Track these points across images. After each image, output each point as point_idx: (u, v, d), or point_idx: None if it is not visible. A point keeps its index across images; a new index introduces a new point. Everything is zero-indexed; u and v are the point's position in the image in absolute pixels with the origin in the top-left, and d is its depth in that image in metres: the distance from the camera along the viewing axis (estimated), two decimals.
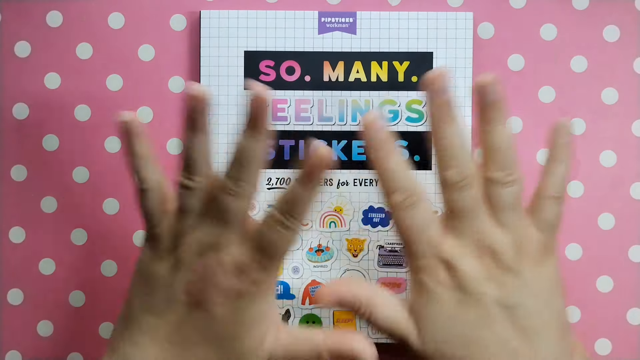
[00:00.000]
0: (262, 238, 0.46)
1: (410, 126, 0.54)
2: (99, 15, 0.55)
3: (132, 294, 0.48)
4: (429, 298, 0.47)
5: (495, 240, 0.47)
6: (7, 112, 0.56)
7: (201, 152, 0.47)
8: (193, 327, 0.47)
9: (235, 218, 0.46)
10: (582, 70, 0.55)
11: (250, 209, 0.47)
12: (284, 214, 0.46)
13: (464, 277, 0.46)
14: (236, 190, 0.46)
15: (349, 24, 0.55)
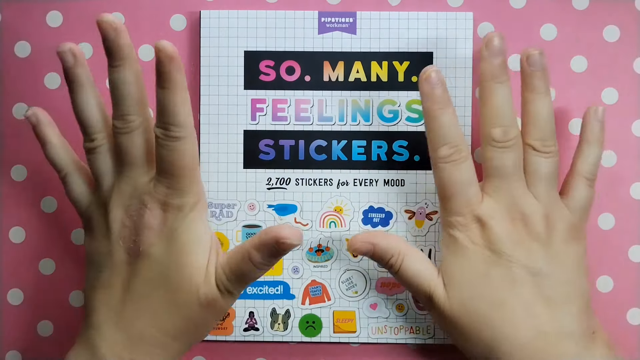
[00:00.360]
0: (160, 160, 0.48)
1: (410, 126, 0.54)
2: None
3: (86, 281, 0.50)
4: (461, 254, 0.49)
5: (528, 207, 0.49)
6: (7, 112, 0.56)
7: (92, 110, 0.50)
8: (140, 280, 0.48)
9: (138, 155, 0.48)
10: (582, 70, 0.55)
11: (149, 137, 0.49)
12: (163, 127, 0.47)
13: (496, 237, 0.49)
14: (126, 127, 0.48)
15: (349, 24, 0.55)
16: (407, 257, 0.50)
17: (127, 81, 0.48)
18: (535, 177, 0.49)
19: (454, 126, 0.49)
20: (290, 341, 0.55)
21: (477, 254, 0.49)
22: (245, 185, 0.55)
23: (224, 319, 0.55)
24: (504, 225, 0.49)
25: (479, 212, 0.49)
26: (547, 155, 0.49)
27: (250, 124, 0.55)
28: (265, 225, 0.55)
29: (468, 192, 0.49)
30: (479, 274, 0.49)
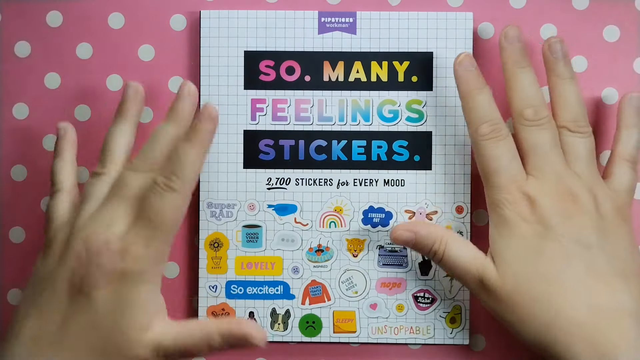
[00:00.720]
0: (145, 207, 0.46)
1: (410, 126, 0.54)
2: (99, 15, 0.55)
3: (20, 302, 0.48)
4: (511, 231, 0.49)
5: (574, 184, 0.49)
6: (7, 112, 0.56)
7: (122, 142, 0.50)
8: (74, 320, 0.46)
9: (135, 195, 0.47)
10: (582, 70, 0.55)
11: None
12: (167, 175, 0.46)
13: (546, 212, 0.48)
14: (141, 167, 0.48)
15: (349, 24, 0.55)
16: (450, 242, 0.50)
17: (169, 136, 0.49)
18: (575, 156, 0.50)
19: (492, 105, 0.50)
20: (290, 341, 0.55)
21: (528, 230, 0.49)
22: (245, 185, 0.55)
23: None
24: (553, 201, 0.49)
25: (526, 189, 0.49)
26: (582, 135, 0.50)
27: (250, 124, 0.55)
28: (265, 225, 0.55)
29: (512, 168, 0.49)
30: (532, 250, 0.48)
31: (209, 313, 0.55)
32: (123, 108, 0.51)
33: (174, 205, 0.46)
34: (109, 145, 0.50)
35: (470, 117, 0.51)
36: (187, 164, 0.46)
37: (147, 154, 0.48)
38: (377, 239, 0.55)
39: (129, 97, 0.51)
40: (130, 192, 0.47)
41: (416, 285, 0.55)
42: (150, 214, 0.46)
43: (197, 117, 0.47)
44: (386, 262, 0.55)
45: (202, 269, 0.55)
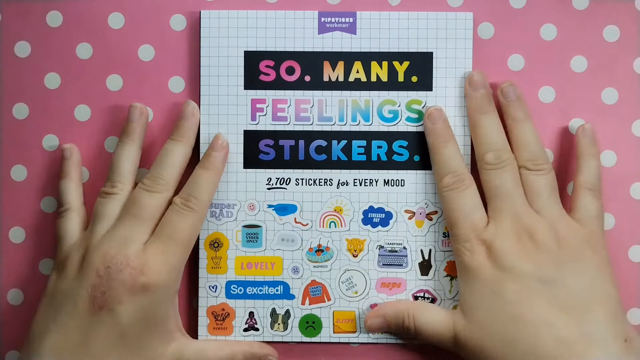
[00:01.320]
0: (164, 224, 0.50)
1: (410, 126, 0.54)
2: (99, 15, 0.55)
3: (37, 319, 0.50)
4: (472, 278, 0.50)
5: (532, 223, 0.50)
6: (7, 112, 0.56)
7: (129, 162, 0.53)
8: (97, 335, 0.48)
9: (149, 214, 0.51)
10: (582, 70, 0.55)
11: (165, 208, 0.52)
12: (186, 197, 0.51)
13: (502, 255, 0.50)
14: (154, 187, 0.51)
15: (349, 24, 0.55)
16: (417, 313, 0.52)
17: (177, 156, 0.52)
18: (534, 193, 0.51)
19: (456, 157, 0.53)
20: (290, 341, 0.55)
21: (487, 275, 0.50)
22: (245, 185, 0.55)
23: (224, 319, 0.55)
24: (509, 243, 0.50)
25: (484, 235, 0.50)
26: (540, 173, 0.52)
27: (250, 124, 0.55)
28: (265, 225, 0.54)
29: (473, 217, 0.51)
30: (493, 294, 0.49)
31: (208, 313, 0.55)
32: (129, 129, 0.53)
33: (192, 224, 0.51)
34: (117, 165, 0.53)
35: (435, 169, 0.53)
36: (203, 187, 0.51)
37: (157, 175, 0.52)
38: (377, 239, 0.55)
39: (134, 119, 0.53)
40: (144, 211, 0.50)
41: (416, 285, 0.55)
42: (170, 231, 0.50)
43: (210, 146, 0.53)
44: (386, 262, 0.55)
45: (202, 269, 0.55)
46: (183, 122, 0.53)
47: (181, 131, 0.53)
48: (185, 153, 0.53)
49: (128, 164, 0.53)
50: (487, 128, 0.52)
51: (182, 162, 0.52)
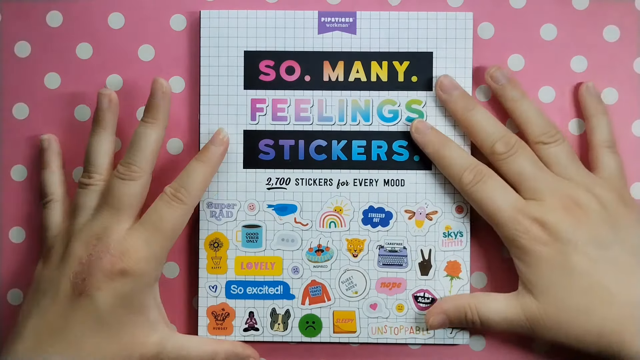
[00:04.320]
0: (151, 212, 0.50)
1: (410, 126, 0.54)
2: (99, 15, 0.55)
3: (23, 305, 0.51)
4: (535, 259, 0.49)
5: (571, 191, 0.50)
6: (7, 112, 0.56)
7: (103, 150, 0.52)
8: (76, 320, 0.48)
9: (126, 203, 0.50)
10: (582, 70, 0.55)
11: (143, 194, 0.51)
12: (175, 187, 0.50)
13: (559, 229, 0.49)
14: (128, 174, 0.50)
15: (349, 24, 0.55)
16: (479, 304, 0.51)
17: (150, 139, 0.51)
18: (559, 165, 0.51)
19: (462, 153, 0.52)
20: (290, 341, 0.55)
21: (550, 252, 0.49)
22: (245, 185, 0.55)
23: (224, 319, 0.55)
24: (560, 215, 0.49)
25: (533, 213, 0.50)
26: (556, 143, 0.52)
27: (250, 124, 0.55)
28: (265, 225, 0.54)
29: (509, 199, 0.50)
30: (562, 270, 0.49)
31: (208, 313, 0.55)
32: (99, 117, 0.52)
33: (178, 216, 0.50)
34: (91, 156, 0.52)
35: (449, 173, 0.52)
36: (196, 180, 0.51)
37: (130, 161, 0.50)
38: (377, 239, 0.55)
39: (103, 106, 0.52)
40: (121, 201, 0.50)
41: (416, 285, 0.55)
42: (155, 220, 0.50)
43: (210, 140, 0.52)
44: (386, 262, 0.55)
45: (202, 269, 0.55)
46: (153, 101, 0.51)
47: (152, 112, 0.51)
48: (157, 135, 0.51)
49: (101, 153, 0.52)
50: (481, 122, 0.52)
51: (155, 145, 0.51)
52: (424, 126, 0.52)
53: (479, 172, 0.51)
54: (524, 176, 0.51)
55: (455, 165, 0.52)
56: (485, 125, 0.52)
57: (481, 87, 0.55)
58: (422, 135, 0.52)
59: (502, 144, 0.51)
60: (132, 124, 0.55)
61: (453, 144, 0.52)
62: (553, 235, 0.49)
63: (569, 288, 0.49)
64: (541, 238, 0.49)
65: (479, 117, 0.52)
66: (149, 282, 0.50)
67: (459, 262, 0.54)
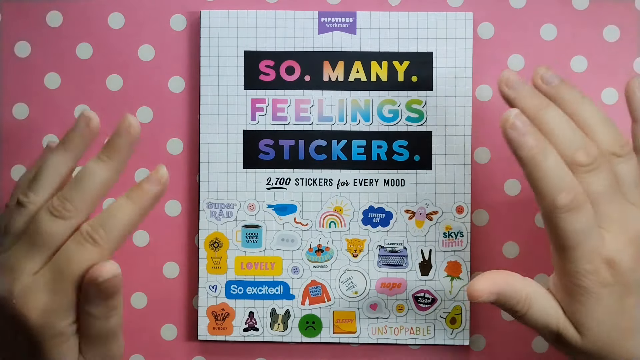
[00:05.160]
0: (60, 253, 0.43)
1: (410, 126, 0.54)
2: (99, 15, 0.55)
3: None
4: (593, 300, 0.44)
5: (638, 223, 0.44)
6: (7, 112, 0.56)
7: (56, 172, 0.44)
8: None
9: (47, 242, 0.43)
10: (582, 70, 0.55)
11: (69, 234, 0.43)
12: (93, 226, 0.43)
13: (626, 271, 0.44)
14: (59, 211, 0.43)
15: (349, 24, 0.55)
16: (533, 301, 0.45)
17: (97, 179, 0.43)
18: (626, 186, 0.45)
19: (563, 167, 0.43)
20: (290, 341, 0.55)
21: (611, 294, 0.44)
22: (245, 185, 0.55)
23: (224, 319, 0.55)
24: (629, 255, 0.44)
25: (606, 253, 0.44)
26: (628, 158, 0.45)
27: (250, 123, 0.55)
28: (265, 225, 0.54)
29: (593, 238, 0.43)
30: (615, 311, 0.45)
31: (208, 313, 0.55)
32: (69, 139, 0.45)
33: (89, 259, 0.42)
34: (40, 175, 0.44)
35: (541, 187, 0.43)
36: (120, 221, 0.43)
37: (69, 198, 0.43)
38: (377, 239, 0.54)
39: (78, 129, 0.44)
40: (42, 238, 0.43)
41: (416, 285, 0.55)
42: (62, 264, 0.42)
43: (146, 178, 0.44)
44: (386, 262, 0.55)
45: (202, 269, 0.55)
46: (115, 139, 0.44)
47: (109, 151, 0.44)
48: (107, 177, 0.43)
49: (53, 176, 0.44)
50: (558, 124, 0.44)
51: (102, 186, 0.43)
52: (522, 123, 0.42)
53: (577, 198, 0.42)
54: (602, 198, 0.44)
55: (552, 181, 0.42)
56: (563, 129, 0.43)
57: (481, 87, 0.55)
58: (517, 134, 0.42)
59: (584, 154, 0.43)
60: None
61: (553, 153, 0.43)
62: (618, 277, 0.44)
63: (613, 329, 0.45)
64: (607, 280, 0.44)
65: (555, 118, 0.44)
66: (53, 334, 0.43)
67: (459, 263, 0.54)
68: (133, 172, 0.55)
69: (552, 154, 0.43)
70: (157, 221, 0.55)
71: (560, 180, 0.42)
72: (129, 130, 0.44)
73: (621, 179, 0.45)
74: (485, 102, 0.55)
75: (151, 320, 0.56)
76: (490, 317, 0.55)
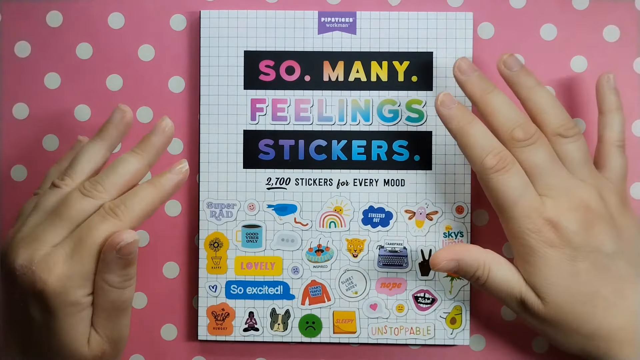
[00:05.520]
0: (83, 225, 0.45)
1: (410, 126, 0.54)
2: (99, 15, 0.55)
3: None
4: (542, 261, 0.48)
5: (584, 194, 0.49)
6: (7, 112, 0.56)
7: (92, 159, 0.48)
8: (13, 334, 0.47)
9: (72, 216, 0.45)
10: (582, 70, 0.55)
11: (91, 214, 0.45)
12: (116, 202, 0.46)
13: (570, 233, 0.48)
14: (89, 191, 0.46)
15: (349, 24, 0.55)
16: (493, 267, 0.49)
17: (131, 167, 0.47)
18: (573, 163, 0.49)
19: (488, 134, 0.49)
20: (290, 341, 0.55)
21: (559, 255, 0.48)
22: (245, 185, 0.55)
23: (224, 319, 0.55)
24: (573, 219, 0.48)
25: (547, 214, 0.48)
26: (574, 138, 0.50)
27: (250, 123, 0.55)
28: (265, 225, 0.54)
29: (528, 195, 0.48)
30: (568, 274, 0.48)
31: (208, 313, 0.55)
32: (105, 130, 0.49)
33: (109, 230, 0.45)
34: (76, 161, 0.48)
35: (469, 153, 0.49)
36: (142, 201, 0.46)
37: (100, 181, 0.46)
38: (377, 239, 0.54)
39: (113, 120, 0.48)
40: (70, 212, 0.45)
41: (416, 285, 0.55)
42: (84, 234, 0.45)
43: (169, 169, 0.48)
44: (386, 262, 0.55)
45: (202, 269, 0.55)
46: (150, 136, 0.48)
47: (145, 144, 0.48)
48: (139, 167, 0.47)
49: (87, 164, 0.48)
50: (501, 105, 0.49)
51: (133, 175, 0.47)
52: (449, 100, 0.49)
53: (503, 159, 0.48)
54: (540, 170, 0.48)
55: (478, 145, 0.48)
56: (505, 109, 0.49)
57: None
58: (446, 109, 0.49)
59: (521, 130, 0.48)
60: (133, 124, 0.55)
61: (479, 123, 0.49)
62: (564, 239, 0.48)
63: (573, 294, 0.48)
64: (552, 240, 0.48)
65: (498, 100, 0.49)
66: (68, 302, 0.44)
67: None
68: None
69: (477, 124, 0.49)
70: (157, 221, 0.55)
71: (486, 144, 0.48)
72: (164, 129, 0.48)
73: (569, 157, 0.49)
74: None
75: (151, 320, 0.56)
76: (490, 317, 0.55)
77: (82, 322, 0.45)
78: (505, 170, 0.48)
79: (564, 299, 0.48)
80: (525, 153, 0.49)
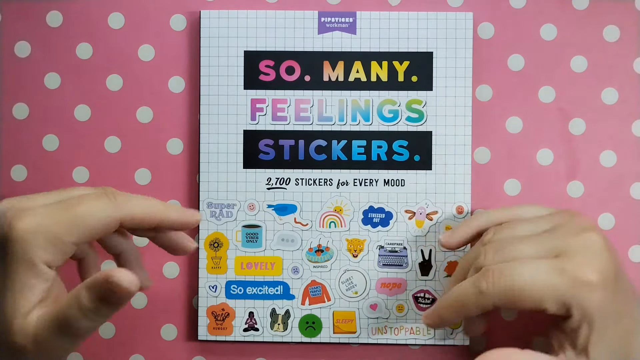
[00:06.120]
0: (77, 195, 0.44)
1: (410, 126, 0.54)
2: (99, 15, 0.55)
3: None
4: None
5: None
6: (7, 112, 0.56)
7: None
8: None
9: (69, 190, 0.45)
10: (582, 70, 0.55)
11: None
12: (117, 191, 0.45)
13: None
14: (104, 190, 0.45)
15: (349, 24, 0.55)
16: None
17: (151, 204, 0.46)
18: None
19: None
20: (290, 341, 0.55)
21: None
22: (245, 185, 0.55)
23: (224, 319, 0.55)
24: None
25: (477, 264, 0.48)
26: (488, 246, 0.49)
27: (250, 123, 0.55)
28: (265, 225, 0.54)
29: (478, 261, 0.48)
30: None
31: (208, 313, 0.55)
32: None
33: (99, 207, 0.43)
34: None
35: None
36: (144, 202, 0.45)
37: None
38: (377, 239, 0.54)
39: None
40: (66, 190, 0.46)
41: (416, 285, 0.55)
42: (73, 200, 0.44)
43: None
44: (386, 262, 0.55)
45: (202, 269, 0.55)
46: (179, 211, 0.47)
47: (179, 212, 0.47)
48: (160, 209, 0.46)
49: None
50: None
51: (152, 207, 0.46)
52: None
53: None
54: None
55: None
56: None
57: (481, 87, 0.55)
58: None
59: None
60: (132, 124, 0.55)
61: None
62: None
63: None
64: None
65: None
66: (31, 260, 0.42)
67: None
68: (133, 172, 0.55)
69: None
70: None
71: None
72: (190, 216, 0.48)
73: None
74: (485, 102, 0.55)
75: (151, 320, 0.56)
76: (491, 317, 0.55)
77: (31, 291, 0.42)
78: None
79: None
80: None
